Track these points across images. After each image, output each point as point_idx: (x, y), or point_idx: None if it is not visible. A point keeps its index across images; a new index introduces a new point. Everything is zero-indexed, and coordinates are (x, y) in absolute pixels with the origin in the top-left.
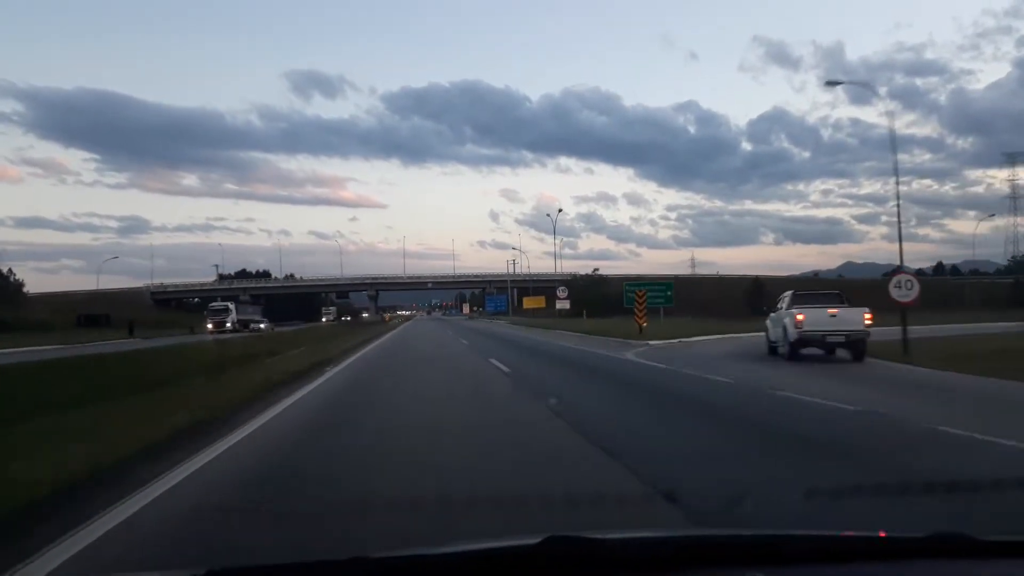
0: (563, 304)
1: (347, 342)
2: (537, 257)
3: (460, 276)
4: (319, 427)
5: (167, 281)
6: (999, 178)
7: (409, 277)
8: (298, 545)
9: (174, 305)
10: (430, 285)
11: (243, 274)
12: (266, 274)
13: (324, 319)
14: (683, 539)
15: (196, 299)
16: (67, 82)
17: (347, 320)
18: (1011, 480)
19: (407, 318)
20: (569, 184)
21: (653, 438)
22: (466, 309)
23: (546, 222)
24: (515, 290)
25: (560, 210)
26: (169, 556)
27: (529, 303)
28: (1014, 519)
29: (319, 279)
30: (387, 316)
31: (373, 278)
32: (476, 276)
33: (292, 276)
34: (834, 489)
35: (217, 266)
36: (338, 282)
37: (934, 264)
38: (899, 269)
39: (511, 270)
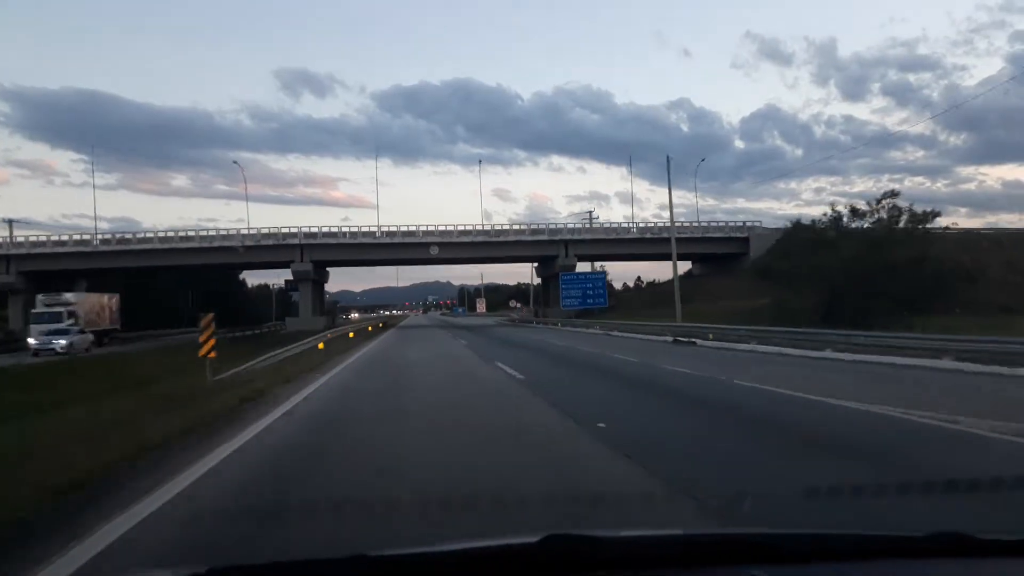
0: None
1: None
2: None
3: (502, 229)
4: None
5: None
6: (991, 175)
7: (387, 232)
8: None
9: None
10: (435, 250)
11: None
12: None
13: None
14: (683, 537)
15: None
16: (54, 82)
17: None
18: None
19: (392, 321)
20: (561, 183)
21: None
22: (481, 306)
23: (539, 219)
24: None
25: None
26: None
27: None
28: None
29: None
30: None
31: (311, 235)
32: (540, 224)
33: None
34: None
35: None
36: (216, 243)
37: None
38: None
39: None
